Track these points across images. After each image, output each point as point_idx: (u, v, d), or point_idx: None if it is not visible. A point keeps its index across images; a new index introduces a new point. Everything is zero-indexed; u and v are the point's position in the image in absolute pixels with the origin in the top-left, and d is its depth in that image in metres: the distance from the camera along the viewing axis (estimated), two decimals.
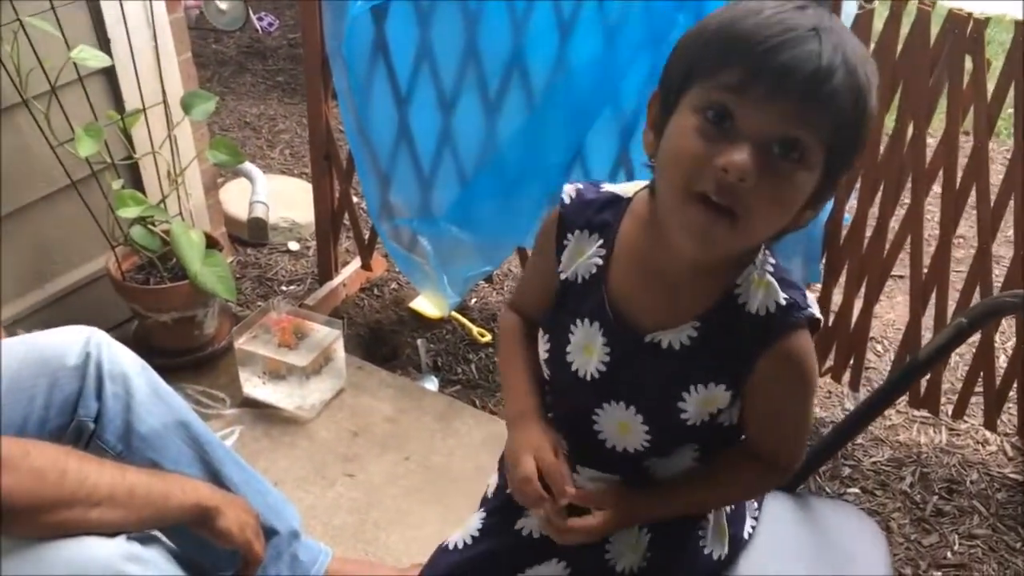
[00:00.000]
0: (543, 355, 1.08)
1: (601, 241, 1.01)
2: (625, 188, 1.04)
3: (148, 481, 1.11)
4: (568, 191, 1.05)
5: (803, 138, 0.82)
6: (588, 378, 1.03)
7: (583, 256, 1.02)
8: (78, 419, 1.28)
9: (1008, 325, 2.30)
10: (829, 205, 1.91)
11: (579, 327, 1.03)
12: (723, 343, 0.95)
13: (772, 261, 0.96)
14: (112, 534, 1.06)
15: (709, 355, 0.96)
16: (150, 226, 2.01)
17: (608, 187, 1.05)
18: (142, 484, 1.10)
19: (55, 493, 1.02)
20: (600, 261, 1.01)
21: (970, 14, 1.65)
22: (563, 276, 1.04)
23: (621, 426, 1.03)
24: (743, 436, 1.04)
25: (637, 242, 0.99)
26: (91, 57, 1.82)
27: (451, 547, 1.17)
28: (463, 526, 1.19)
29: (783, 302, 0.94)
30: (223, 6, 3.95)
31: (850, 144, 0.85)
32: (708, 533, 1.10)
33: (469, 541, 1.16)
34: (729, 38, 0.83)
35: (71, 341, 1.29)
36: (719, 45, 0.83)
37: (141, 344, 2.13)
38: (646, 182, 1.00)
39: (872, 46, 1.76)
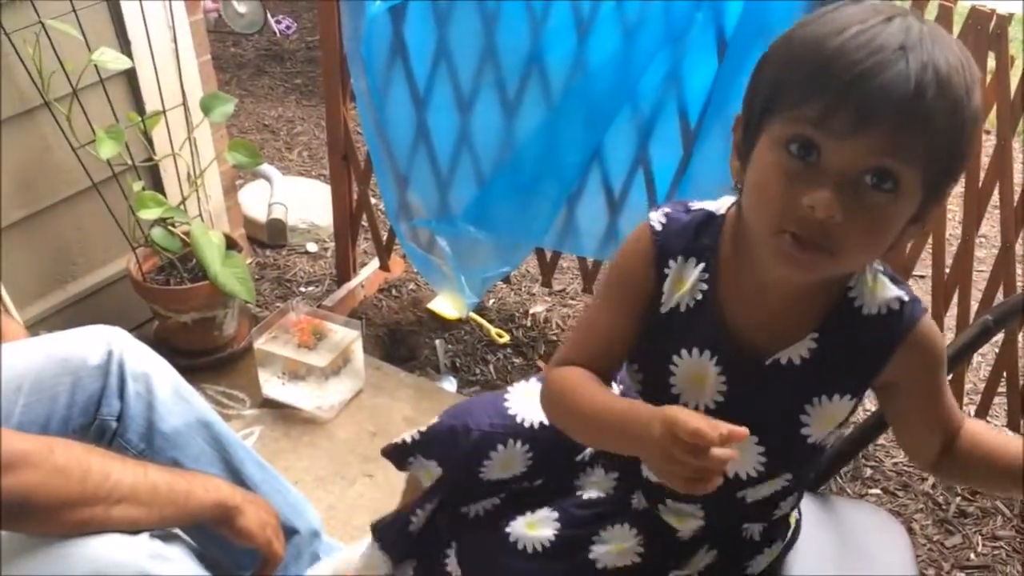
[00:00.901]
0: (636, 387, 1.02)
1: (703, 265, 0.95)
2: (718, 205, 0.98)
3: (170, 479, 1.12)
4: (656, 218, 0.97)
5: (894, 168, 0.77)
6: (702, 409, 0.97)
7: (685, 284, 0.96)
8: (100, 418, 1.29)
9: None
10: None
11: (685, 358, 0.97)
12: (844, 351, 0.92)
13: (878, 261, 0.93)
14: (135, 532, 1.06)
15: (830, 366, 0.93)
16: (170, 227, 2.03)
17: (698, 204, 0.99)
18: (164, 482, 1.11)
19: (78, 491, 1.03)
20: (705, 287, 0.95)
21: (993, 10, 1.64)
22: (664, 309, 0.97)
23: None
24: (939, 436, 0.97)
25: (740, 262, 0.93)
26: (112, 59, 1.83)
27: (518, 545, 1.08)
28: (530, 520, 1.10)
29: (906, 297, 0.92)
30: (241, 9, 3.97)
31: (952, 158, 0.80)
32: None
33: (539, 548, 1.07)
34: (812, 65, 0.78)
35: (93, 341, 1.30)
36: (801, 73, 0.79)
37: (162, 345, 2.14)
38: (734, 198, 0.96)
39: None
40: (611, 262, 1.02)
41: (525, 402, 1.16)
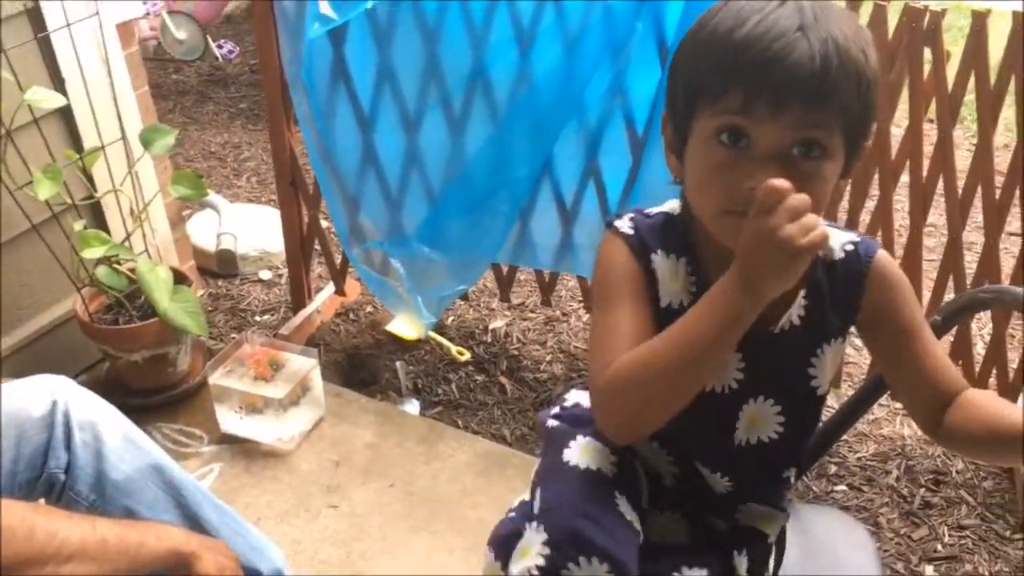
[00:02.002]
0: None
1: (685, 259, 0.99)
2: (670, 206, 1.03)
3: (120, 531, 1.09)
4: (623, 224, 1.01)
5: (817, 136, 0.85)
6: (727, 391, 1.01)
7: (679, 279, 0.99)
8: (48, 471, 1.25)
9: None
10: None
11: None
12: (826, 298, 0.99)
13: None
14: None
15: (820, 316, 0.99)
16: (115, 265, 1.98)
17: (653, 210, 1.03)
18: (114, 535, 1.08)
19: (25, 551, 1.00)
20: (695, 278, 0.99)
21: (926, 7, 1.66)
22: (663, 303, 0.99)
23: (753, 419, 1.03)
24: (938, 391, 0.96)
25: (718, 250, 0.94)
26: (45, 98, 1.79)
27: None
28: None
29: (857, 238, 1.00)
30: (181, 36, 3.92)
31: (863, 115, 0.87)
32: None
33: None
34: (724, 58, 0.84)
35: (36, 392, 1.26)
36: (716, 68, 0.85)
37: (114, 385, 2.10)
38: (675, 201, 1.02)
39: None
40: (597, 278, 1.03)
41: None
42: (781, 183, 0.79)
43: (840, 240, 0.99)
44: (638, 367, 0.90)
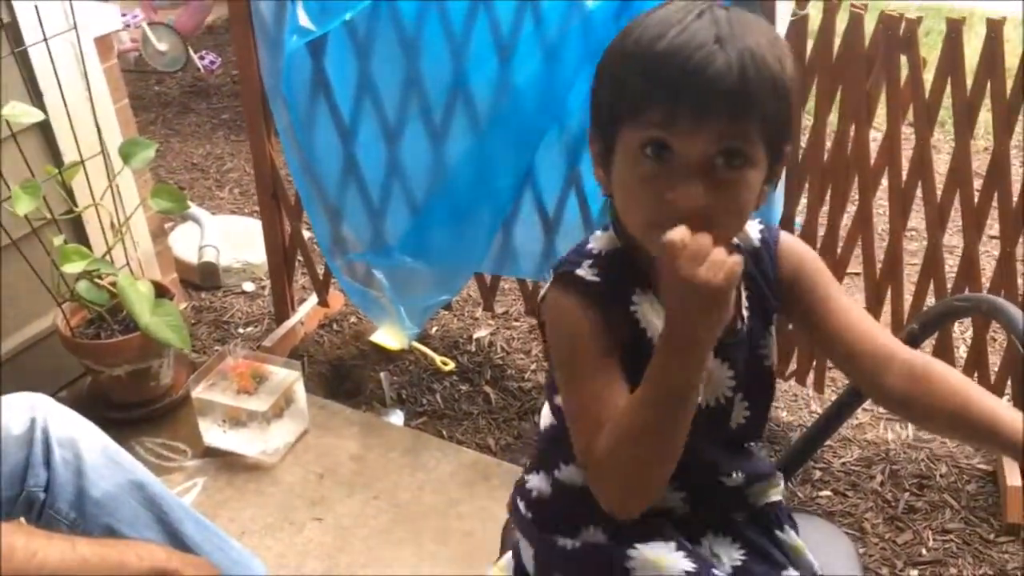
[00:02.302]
0: None
1: (652, 290, 0.97)
2: (602, 243, 0.98)
3: (100, 551, 1.08)
4: (582, 271, 0.95)
5: (739, 146, 0.85)
6: (722, 398, 1.03)
7: (657, 312, 0.96)
8: (27, 489, 1.24)
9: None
10: (779, 213, 1.91)
11: None
12: (757, 284, 1.02)
13: None
14: None
15: (759, 301, 1.03)
16: (96, 280, 1.97)
17: (591, 248, 0.98)
18: (94, 555, 1.07)
19: (5, 572, 0.99)
20: (657, 303, 0.96)
21: (902, 14, 1.67)
22: (650, 334, 0.96)
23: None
24: (872, 357, 1.01)
25: None
26: (23, 113, 1.79)
27: None
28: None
29: (760, 226, 1.05)
30: (162, 47, 3.91)
31: (783, 122, 0.89)
32: None
33: None
34: (644, 73, 0.85)
35: (14, 409, 1.25)
36: (637, 82, 0.85)
37: (96, 400, 2.08)
38: (598, 232, 1.00)
39: (808, 50, 1.78)
40: (561, 344, 0.96)
41: None
42: (678, 234, 0.79)
43: (752, 231, 1.04)
44: (624, 436, 0.88)
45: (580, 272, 0.95)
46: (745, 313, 1.02)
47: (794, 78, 0.88)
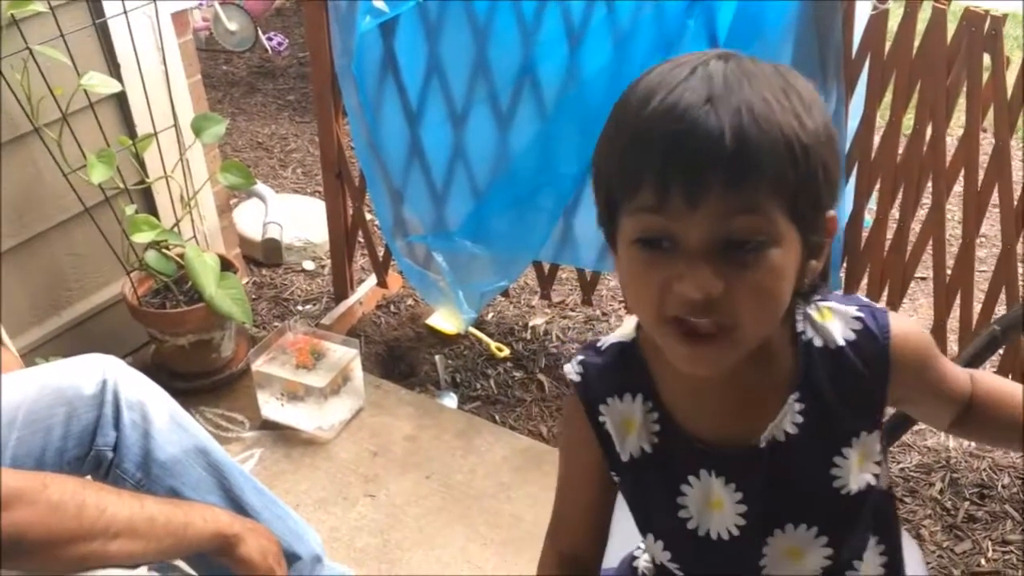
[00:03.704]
0: (664, 557, 0.92)
1: (641, 396, 0.88)
2: (622, 332, 0.91)
3: (168, 511, 1.10)
4: (573, 370, 0.91)
5: (751, 223, 0.71)
6: (736, 532, 0.87)
7: (634, 425, 0.88)
8: (96, 449, 1.27)
9: None
10: (848, 210, 1.88)
11: (689, 494, 0.88)
12: (835, 394, 0.84)
13: (818, 297, 0.85)
14: (133, 566, 1.05)
15: (829, 416, 0.84)
16: (164, 250, 2.01)
17: (604, 340, 0.92)
18: (161, 513, 1.09)
19: (74, 526, 1.01)
20: (657, 415, 0.88)
21: (987, 11, 1.62)
22: (624, 458, 0.89)
23: (791, 552, 0.88)
24: (952, 408, 0.90)
25: (676, 372, 0.82)
26: (101, 83, 1.82)
27: None
28: None
29: (861, 313, 0.85)
30: (232, 27, 3.97)
31: (810, 187, 0.73)
32: None
33: None
34: (630, 149, 0.72)
35: (87, 370, 1.28)
36: (624, 160, 0.73)
37: (159, 368, 2.13)
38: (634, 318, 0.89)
39: (888, 46, 1.74)
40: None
41: None
42: None
43: (842, 321, 0.85)
44: None
45: (568, 368, 0.91)
46: (788, 429, 0.84)
47: (823, 127, 0.73)
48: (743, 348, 0.76)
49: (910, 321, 0.88)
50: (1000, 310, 1.88)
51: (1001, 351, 1.93)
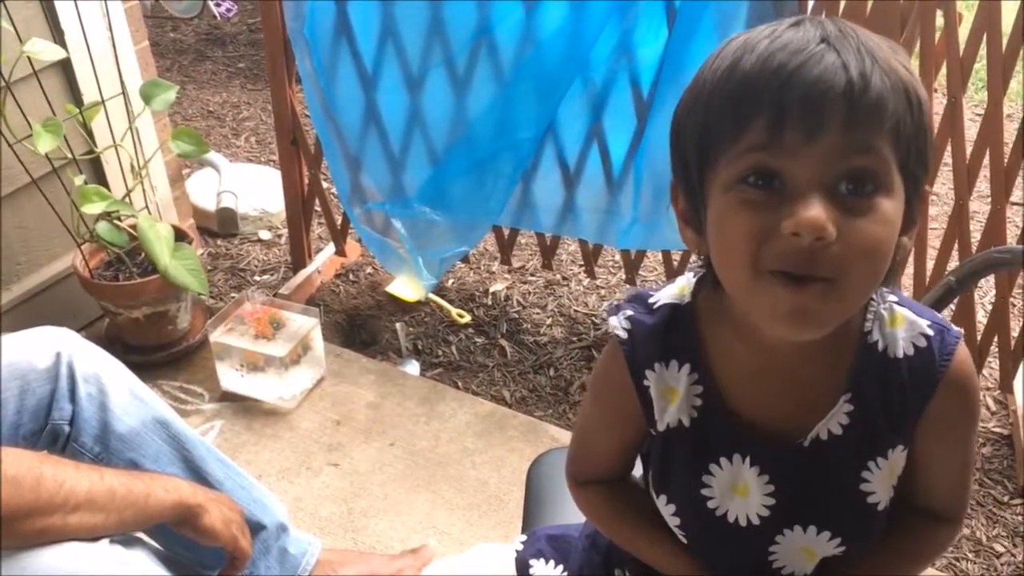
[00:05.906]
0: (672, 521, 0.89)
1: (689, 367, 0.83)
2: (678, 292, 0.86)
3: (127, 482, 1.08)
4: (619, 324, 0.85)
5: (868, 164, 0.67)
6: (756, 520, 0.85)
7: (677, 395, 0.84)
8: (52, 423, 1.24)
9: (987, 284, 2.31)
10: None
11: (717, 474, 0.85)
12: (883, 403, 0.81)
13: (886, 288, 0.80)
14: (94, 539, 1.03)
15: (874, 423, 0.81)
16: (116, 221, 1.97)
17: (657, 297, 0.86)
18: (121, 485, 1.07)
19: (32, 500, 0.99)
20: (701, 388, 0.84)
21: None
22: (660, 428, 0.86)
23: (804, 552, 0.86)
24: (908, 493, 0.86)
25: (732, 348, 0.81)
26: (45, 50, 1.77)
27: None
28: None
29: (931, 331, 0.80)
30: None
31: (921, 143, 0.70)
32: None
33: None
34: (736, 92, 0.68)
35: (39, 344, 1.25)
36: (728, 105, 0.68)
37: (114, 342, 2.09)
38: (690, 276, 0.85)
39: (842, 5, 1.75)
40: (595, 369, 0.93)
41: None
42: None
43: (911, 331, 0.80)
44: (604, 522, 0.97)
45: (614, 321, 0.86)
46: (833, 430, 0.81)
47: (926, 99, 0.70)
48: (847, 310, 0.72)
49: (971, 361, 0.81)
50: (951, 265, 1.91)
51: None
